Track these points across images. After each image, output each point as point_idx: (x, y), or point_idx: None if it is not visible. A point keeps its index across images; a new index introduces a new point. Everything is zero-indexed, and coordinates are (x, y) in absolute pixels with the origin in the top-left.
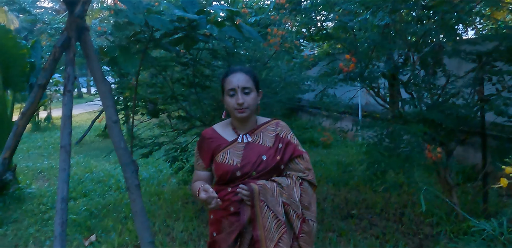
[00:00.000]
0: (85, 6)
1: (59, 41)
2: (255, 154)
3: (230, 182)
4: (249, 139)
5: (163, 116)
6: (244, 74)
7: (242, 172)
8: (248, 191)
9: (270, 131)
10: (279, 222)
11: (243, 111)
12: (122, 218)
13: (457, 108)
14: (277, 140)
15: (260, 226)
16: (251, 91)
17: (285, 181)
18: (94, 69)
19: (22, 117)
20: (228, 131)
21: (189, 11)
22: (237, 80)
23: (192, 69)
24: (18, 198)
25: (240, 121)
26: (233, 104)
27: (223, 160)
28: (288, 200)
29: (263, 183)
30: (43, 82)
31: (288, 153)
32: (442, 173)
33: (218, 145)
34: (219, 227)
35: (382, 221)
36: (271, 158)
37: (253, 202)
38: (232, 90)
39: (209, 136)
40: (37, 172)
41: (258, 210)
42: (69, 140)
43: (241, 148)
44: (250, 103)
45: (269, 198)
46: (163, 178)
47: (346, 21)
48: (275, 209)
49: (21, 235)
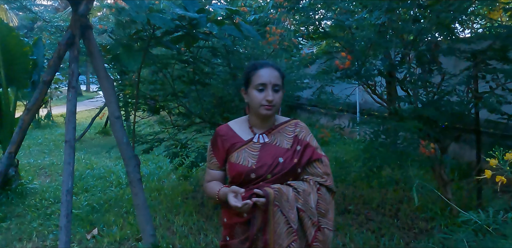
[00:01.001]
0: (89, 5)
1: (64, 39)
2: (271, 156)
3: (243, 184)
4: (266, 140)
5: (163, 113)
6: (275, 70)
7: (257, 174)
8: (264, 196)
9: (289, 132)
10: (291, 229)
11: (270, 108)
12: (123, 212)
13: (452, 106)
14: (295, 142)
15: (270, 230)
16: (280, 89)
17: (301, 185)
18: (98, 66)
19: (27, 113)
20: (244, 129)
21: (189, 10)
22: (269, 75)
23: (192, 66)
24: (20, 193)
25: (261, 119)
26: (260, 99)
27: (238, 161)
28: (303, 206)
29: (279, 187)
30: (48, 78)
31: (306, 156)
32: (437, 169)
33: (233, 144)
34: (232, 232)
35: (378, 216)
36: (288, 161)
37: (267, 207)
38: (262, 85)
39: (224, 134)
40: (38, 168)
41: (270, 215)
42: (73, 135)
43: (257, 148)
44: (278, 101)
45: (283, 203)
46: (163, 174)
47: (343, 20)
48: (288, 215)
49: (25, 229)
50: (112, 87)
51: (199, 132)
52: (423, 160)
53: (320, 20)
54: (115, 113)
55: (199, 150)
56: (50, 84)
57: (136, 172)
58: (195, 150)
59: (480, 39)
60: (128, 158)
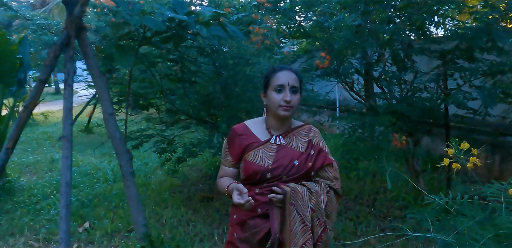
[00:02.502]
0: (83, 7)
1: (59, 39)
2: (287, 157)
3: (258, 183)
4: (282, 142)
5: (151, 110)
6: (293, 73)
7: (273, 174)
8: (281, 193)
9: (303, 136)
10: (306, 227)
11: (288, 109)
12: (113, 207)
13: (423, 101)
14: (309, 146)
15: (287, 229)
16: (298, 91)
17: (314, 187)
18: (91, 65)
19: (24, 110)
20: (261, 130)
21: (179, 12)
22: (287, 77)
23: (179, 65)
24: (8, 190)
25: (279, 120)
26: (279, 100)
27: (254, 160)
28: (315, 207)
29: (294, 186)
30: (44, 77)
31: (320, 161)
32: (410, 161)
33: (250, 143)
34: (243, 227)
35: (356, 206)
36: (302, 164)
37: (284, 205)
38: (281, 86)
39: (241, 133)
40: (23, 167)
41: (287, 213)
42: (70, 131)
43: (274, 149)
44: (295, 103)
45: (299, 202)
46: (149, 170)
47: (322, 21)
48: (303, 214)
49: (16, 224)
50: (105, 85)
51: (185, 128)
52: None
53: (300, 21)
54: (108, 110)
55: (186, 146)
56: (46, 83)
57: (128, 166)
58: (182, 146)
59: (448, 40)
60: (121, 152)
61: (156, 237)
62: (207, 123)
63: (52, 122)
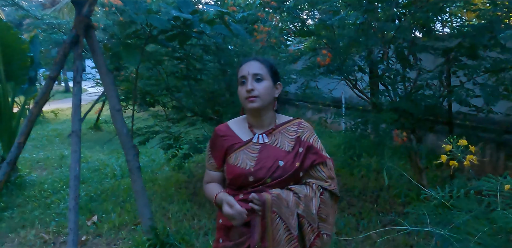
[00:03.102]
0: (92, 6)
1: (68, 38)
2: (271, 158)
3: (241, 187)
4: (266, 140)
5: (157, 107)
6: (257, 61)
7: (256, 177)
8: (260, 201)
9: (291, 132)
10: (291, 236)
11: (253, 100)
12: (120, 201)
13: (425, 99)
14: (297, 144)
15: (269, 238)
16: (264, 78)
17: (303, 190)
18: (99, 63)
19: (36, 106)
20: (243, 129)
21: (183, 11)
22: (248, 66)
23: (185, 63)
24: (20, 185)
25: (254, 116)
26: (243, 92)
27: (236, 163)
28: (304, 212)
29: (278, 192)
30: (54, 74)
31: (309, 160)
32: (413, 158)
33: (232, 144)
34: (228, 234)
35: (360, 202)
36: (289, 164)
37: (264, 214)
38: (243, 78)
39: (223, 134)
40: (34, 162)
41: (269, 221)
42: (79, 126)
43: (256, 150)
44: (261, 91)
45: (283, 209)
46: (156, 167)
47: (325, 19)
48: (288, 222)
49: (27, 217)
50: (112, 82)
51: (191, 125)
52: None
53: (304, 20)
54: (116, 106)
55: (192, 142)
56: (55, 80)
57: (135, 161)
58: (188, 142)
59: (452, 37)
60: (127, 148)
61: (162, 230)
62: (213, 120)
63: (62, 120)
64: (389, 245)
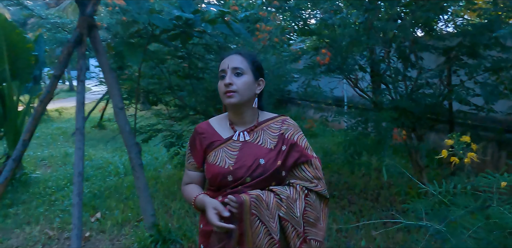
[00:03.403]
0: (95, 6)
1: (72, 37)
2: (251, 156)
3: (220, 187)
4: (247, 137)
5: (160, 106)
6: (239, 55)
7: (235, 177)
8: (237, 203)
9: (274, 129)
10: (273, 240)
11: (231, 95)
12: (124, 198)
13: (425, 97)
14: (280, 141)
15: (249, 242)
16: (244, 73)
17: (285, 191)
18: (102, 62)
19: (40, 104)
20: (224, 127)
21: (185, 11)
22: (229, 60)
23: (187, 62)
24: (24, 182)
25: (233, 112)
26: (221, 87)
27: (215, 161)
28: (286, 215)
29: (257, 193)
30: (58, 73)
31: (292, 158)
32: (413, 156)
33: (212, 142)
34: (208, 240)
35: (360, 200)
36: (270, 163)
37: (242, 216)
38: (223, 72)
39: (202, 131)
40: (39, 160)
41: (247, 224)
42: (83, 123)
43: (237, 147)
44: (240, 86)
45: (262, 212)
46: (159, 165)
47: (326, 19)
48: (269, 225)
49: (32, 214)
50: (115, 80)
51: (193, 123)
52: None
53: (306, 19)
54: (119, 104)
55: None
56: (60, 78)
57: (137, 158)
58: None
59: (453, 36)
60: (130, 145)
61: (164, 227)
62: None
63: (65, 118)
64: (389, 242)
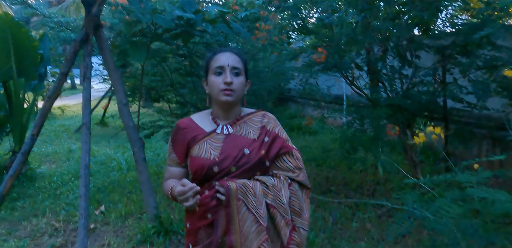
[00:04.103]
0: (101, 6)
1: (79, 36)
2: (236, 146)
3: (206, 180)
4: (230, 130)
5: (161, 103)
6: (235, 54)
7: (220, 167)
8: (224, 188)
9: (256, 122)
10: (260, 227)
11: (230, 93)
12: (127, 192)
13: (420, 95)
14: (262, 133)
15: (236, 230)
16: (241, 73)
17: (270, 180)
18: (107, 60)
19: (48, 100)
20: (206, 121)
21: (187, 11)
22: (227, 57)
23: (188, 60)
24: (30, 177)
25: (223, 108)
26: (218, 83)
27: (199, 154)
28: (274, 202)
29: (244, 181)
30: (65, 70)
31: (275, 149)
32: (408, 152)
33: (195, 136)
34: (196, 238)
35: (357, 195)
36: (254, 152)
37: (229, 202)
38: (220, 68)
39: (185, 126)
40: (43, 156)
41: (234, 210)
42: (89, 118)
43: (220, 140)
44: (238, 86)
45: (249, 198)
46: (161, 161)
47: (323, 18)
48: (256, 211)
49: (38, 207)
50: (119, 77)
51: None
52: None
53: (304, 18)
54: (123, 100)
55: None
56: (67, 76)
57: (141, 152)
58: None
59: (447, 36)
60: (134, 140)
61: (166, 219)
62: None
63: (68, 116)
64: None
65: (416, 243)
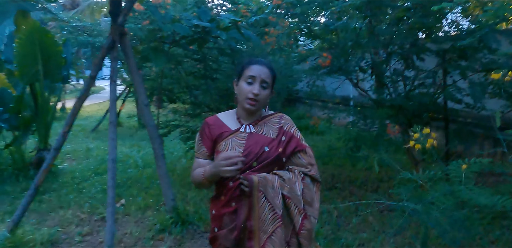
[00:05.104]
0: (126, 16)
1: (106, 43)
2: (258, 144)
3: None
4: (252, 130)
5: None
6: (268, 69)
7: (244, 162)
8: (248, 181)
9: (274, 123)
10: (276, 215)
11: (254, 104)
12: (144, 187)
13: (420, 96)
14: (280, 133)
15: (255, 216)
16: (268, 87)
17: (286, 174)
18: (131, 64)
19: (78, 101)
20: (231, 120)
21: (203, 19)
22: (261, 70)
23: (202, 64)
24: (53, 173)
25: (246, 112)
26: (247, 91)
27: (225, 149)
28: (289, 193)
29: (265, 175)
30: (94, 74)
31: (291, 147)
32: (410, 151)
33: (221, 133)
34: (221, 223)
35: (361, 191)
36: (273, 150)
37: (251, 192)
38: (252, 78)
39: (212, 123)
40: (63, 154)
41: (255, 200)
42: (115, 117)
43: (244, 137)
44: (263, 98)
45: (268, 190)
46: (175, 159)
47: (328, 24)
48: (273, 202)
49: (63, 200)
50: (141, 80)
51: None
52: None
53: (311, 23)
54: (145, 101)
55: None
56: (95, 79)
57: (160, 149)
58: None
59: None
60: (154, 137)
61: (182, 210)
62: None
63: (84, 116)
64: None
65: (416, 236)
